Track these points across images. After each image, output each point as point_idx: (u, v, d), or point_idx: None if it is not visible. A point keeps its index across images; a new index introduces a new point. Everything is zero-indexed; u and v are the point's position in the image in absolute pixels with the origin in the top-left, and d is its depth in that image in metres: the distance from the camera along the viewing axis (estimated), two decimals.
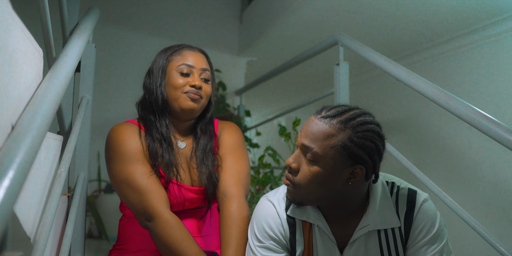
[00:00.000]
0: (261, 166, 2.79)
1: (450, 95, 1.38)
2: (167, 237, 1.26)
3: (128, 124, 1.44)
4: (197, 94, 1.42)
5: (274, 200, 1.22)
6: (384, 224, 1.14)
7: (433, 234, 1.13)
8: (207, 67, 1.48)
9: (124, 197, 1.34)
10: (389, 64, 1.71)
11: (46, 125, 0.69)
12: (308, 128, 1.08)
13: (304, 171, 1.07)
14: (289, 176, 1.11)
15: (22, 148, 0.57)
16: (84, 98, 1.50)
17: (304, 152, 1.08)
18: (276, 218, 1.18)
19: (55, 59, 1.03)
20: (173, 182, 1.40)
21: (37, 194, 0.86)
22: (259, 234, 1.19)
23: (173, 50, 1.48)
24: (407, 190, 1.18)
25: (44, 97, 0.76)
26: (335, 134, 1.03)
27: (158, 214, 1.28)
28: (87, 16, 1.44)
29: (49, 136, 0.98)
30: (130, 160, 1.35)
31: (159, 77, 1.44)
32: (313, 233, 1.17)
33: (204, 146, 1.48)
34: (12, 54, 0.69)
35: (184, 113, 1.43)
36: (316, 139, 1.04)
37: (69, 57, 1.03)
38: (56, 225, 1.18)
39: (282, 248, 1.17)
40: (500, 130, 1.18)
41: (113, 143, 1.38)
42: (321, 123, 1.06)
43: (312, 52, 2.46)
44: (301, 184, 1.08)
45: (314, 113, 1.12)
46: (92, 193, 3.37)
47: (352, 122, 1.05)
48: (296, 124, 2.53)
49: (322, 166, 1.05)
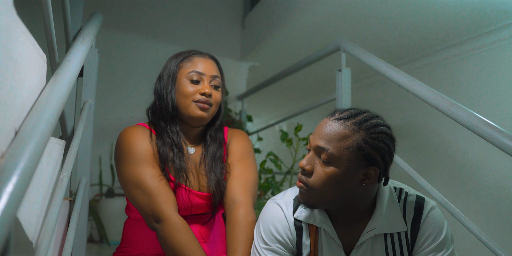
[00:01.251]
0: (262, 171, 2.79)
1: (452, 102, 1.37)
2: (174, 240, 1.26)
3: (139, 127, 1.45)
4: (207, 103, 1.43)
5: (282, 203, 1.22)
6: (390, 228, 1.14)
7: (440, 241, 1.14)
8: (217, 74, 1.48)
9: (133, 198, 1.34)
10: (391, 70, 1.71)
11: (50, 130, 0.69)
12: (322, 130, 1.09)
13: (319, 173, 1.07)
14: (302, 179, 1.11)
15: (26, 153, 0.57)
16: (87, 103, 1.50)
17: (318, 153, 1.08)
18: (284, 221, 1.18)
19: (59, 64, 1.03)
20: (182, 187, 1.40)
21: (39, 198, 0.86)
22: (265, 237, 1.19)
23: (183, 56, 1.48)
24: (415, 196, 1.19)
25: (47, 102, 0.76)
26: (350, 135, 1.05)
27: (166, 216, 1.28)
28: (90, 21, 1.44)
29: (52, 140, 0.98)
30: (140, 162, 1.36)
31: (169, 84, 1.45)
32: (319, 237, 1.18)
33: (213, 154, 1.49)
34: (16, 59, 0.69)
35: (194, 121, 1.45)
36: (331, 140, 1.06)
37: (72, 62, 1.03)
38: (58, 230, 1.18)
39: (288, 251, 1.17)
40: (501, 136, 1.17)
41: (124, 144, 1.39)
42: (335, 124, 1.07)
43: (314, 58, 2.46)
44: (316, 186, 1.08)
45: (327, 115, 1.13)
46: (94, 197, 3.37)
47: (366, 124, 1.07)
48: (298, 129, 2.53)
49: (337, 167, 1.05)
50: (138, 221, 1.46)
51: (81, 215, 1.43)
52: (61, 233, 1.25)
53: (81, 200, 1.35)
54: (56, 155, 1.07)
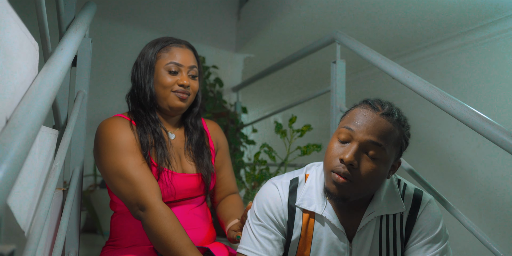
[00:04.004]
0: (257, 162, 2.79)
1: (445, 94, 1.38)
2: (158, 228, 1.27)
3: (118, 118, 1.46)
4: (185, 93, 1.46)
5: (278, 183, 1.24)
6: (389, 209, 1.17)
7: (435, 235, 1.16)
8: (195, 64, 1.51)
9: (116, 189, 1.35)
10: (385, 62, 1.71)
11: (41, 119, 0.69)
12: (371, 125, 1.09)
13: (366, 168, 1.08)
14: (347, 173, 1.08)
15: (16, 141, 0.57)
16: (80, 92, 1.50)
17: (367, 148, 1.09)
18: (278, 201, 1.21)
19: (51, 53, 1.02)
20: (165, 171, 1.42)
21: (31, 187, 0.86)
22: (258, 214, 1.21)
23: (160, 45, 1.48)
24: (414, 189, 1.22)
25: (39, 91, 0.75)
26: (396, 131, 1.10)
27: (150, 204, 1.29)
28: (84, 11, 1.43)
29: (44, 130, 0.98)
30: (122, 151, 1.36)
31: (147, 74, 1.47)
32: (314, 223, 1.20)
33: (197, 141, 1.56)
34: (7, 47, 0.69)
35: (173, 110, 1.48)
36: (385, 137, 1.08)
37: (65, 51, 1.03)
38: (51, 219, 1.18)
39: (278, 231, 1.20)
40: (494, 129, 1.18)
41: (105, 136, 1.39)
42: (384, 120, 1.09)
43: (309, 50, 2.46)
44: (362, 181, 1.08)
45: (370, 108, 1.12)
46: (88, 188, 3.37)
47: (403, 120, 1.14)
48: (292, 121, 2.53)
49: (383, 162, 1.09)
50: (124, 215, 1.46)
51: (74, 205, 1.43)
52: (54, 223, 1.25)
53: (74, 189, 1.35)
54: (49, 144, 1.07)
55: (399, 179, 1.25)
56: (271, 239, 1.18)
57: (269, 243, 1.17)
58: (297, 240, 1.20)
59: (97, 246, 2.88)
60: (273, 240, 1.18)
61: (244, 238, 1.22)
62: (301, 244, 1.20)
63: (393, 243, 1.18)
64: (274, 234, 1.19)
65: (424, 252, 1.14)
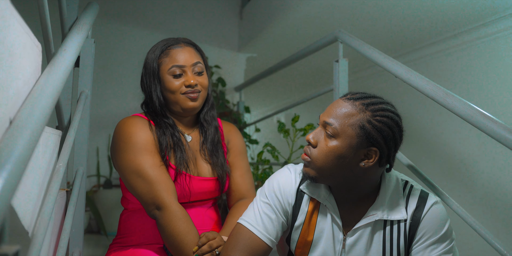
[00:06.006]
0: (260, 162, 2.79)
1: (448, 92, 1.38)
2: (173, 228, 1.29)
3: (137, 117, 1.47)
4: (195, 92, 1.45)
5: (292, 169, 1.30)
6: (390, 215, 1.18)
7: (441, 235, 1.16)
8: (198, 59, 1.49)
9: (132, 187, 1.36)
10: (388, 60, 1.71)
11: (44, 119, 0.69)
12: (331, 107, 1.16)
13: (322, 146, 1.14)
14: (307, 151, 1.18)
15: (20, 142, 0.57)
16: (83, 93, 1.50)
17: (326, 129, 1.14)
18: (289, 185, 1.25)
19: (54, 54, 1.03)
20: (183, 174, 1.43)
21: (35, 188, 0.87)
22: (267, 192, 1.26)
23: (160, 51, 1.48)
24: (420, 191, 1.22)
25: (42, 92, 0.76)
26: (355, 113, 1.11)
27: (167, 204, 1.31)
28: (86, 11, 1.43)
29: (47, 130, 0.98)
30: (141, 151, 1.37)
31: (153, 83, 1.47)
32: (318, 213, 1.22)
33: (212, 138, 1.54)
34: (10, 48, 0.69)
35: (187, 112, 1.48)
36: (337, 116, 1.12)
37: (68, 52, 1.03)
38: (55, 220, 1.18)
39: (282, 213, 1.23)
40: (497, 127, 1.18)
41: (124, 134, 1.40)
42: (345, 103, 1.14)
43: (311, 49, 2.45)
44: (318, 159, 1.14)
45: (343, 96, 1.19)
46: (91, 189, 3.37)
47: (373, 106, 1.12)
48: (295, 120, 2.53)
49: (339, 142, 1.11)
50: (135, 212, 1.47)
51: (78, 205, 1.44)
52: (58, 224, 1.25)
53: (78, 190, 1.36)
54: (52, 145, 1.07)
55: (407, 181, 1.25)
56: (273, 219, 1.22)
57: (269, 222, 1.21)
58: (300, 225, 1.24)
59: (101, 246, 2.89)
60: (274, 220, 1.22)
61: (249, 211, 1.26)
62: (304, 230, 1.23)
63: (397, 247, 1.18)
64: (276, 215, 1.22)
65: (430, 253, 1.15)
